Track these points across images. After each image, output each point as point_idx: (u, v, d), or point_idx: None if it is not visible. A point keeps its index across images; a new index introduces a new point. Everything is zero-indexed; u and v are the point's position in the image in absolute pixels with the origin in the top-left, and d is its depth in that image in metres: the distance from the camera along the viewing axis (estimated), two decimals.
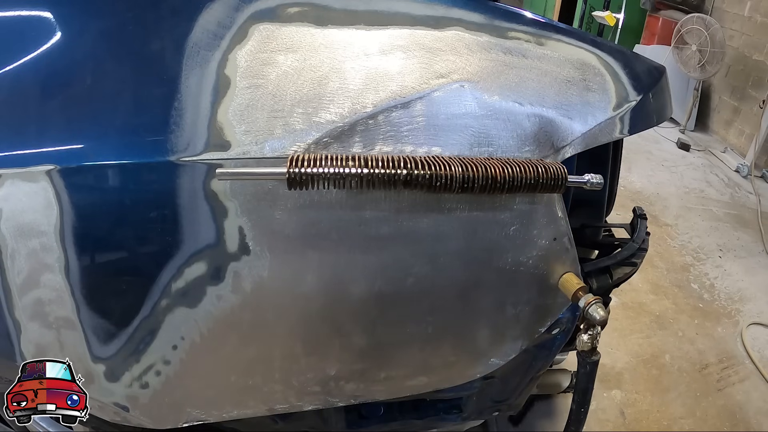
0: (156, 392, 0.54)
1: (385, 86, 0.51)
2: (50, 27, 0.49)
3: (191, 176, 0.47)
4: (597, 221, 0.79)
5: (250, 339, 0.55)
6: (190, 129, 0.47)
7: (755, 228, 2.83)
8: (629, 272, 0.73)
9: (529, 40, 0.58)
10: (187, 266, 0.49)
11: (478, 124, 0.53)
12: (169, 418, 0.57)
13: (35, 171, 0.45)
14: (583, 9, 4.61)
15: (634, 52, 0.71)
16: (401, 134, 0.51)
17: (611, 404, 1.65)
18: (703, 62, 3.62)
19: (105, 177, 0.46)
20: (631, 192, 3.14)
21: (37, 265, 0.48)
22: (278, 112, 0.48)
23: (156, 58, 0.49)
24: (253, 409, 0.59)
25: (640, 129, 0.64)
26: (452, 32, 0.55)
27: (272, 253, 0.51)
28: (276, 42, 0.50)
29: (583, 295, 0.58)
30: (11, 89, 0.47)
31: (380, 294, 0.54)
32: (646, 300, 2.19)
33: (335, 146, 0.49)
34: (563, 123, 0.57)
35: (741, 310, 2.18)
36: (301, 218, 0.50)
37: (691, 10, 3.94)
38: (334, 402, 0.60)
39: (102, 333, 0.51)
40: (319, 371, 0.58)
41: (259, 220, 0.50)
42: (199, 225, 0.49)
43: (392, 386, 0.62)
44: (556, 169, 0.50)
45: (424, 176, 0.46)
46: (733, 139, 3.90)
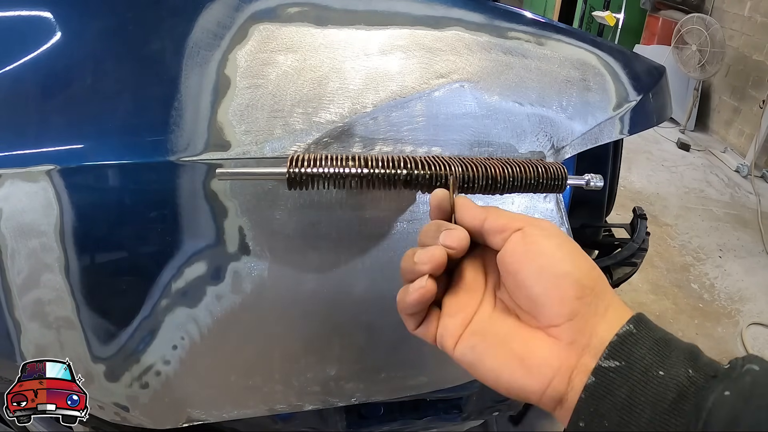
0: (156, 392, 0.54)
1: (385, 86, 0.51)
2: (50, 27, 0.49)
3: (191, 176, 0.47)
4: (597, 221, 0.79)
5: (250, 339, 0.55)
6: (190, 129, 0.47)
7: (755, 228, 2.83)
8: (629, 272, 0.73)
9: (529, 40, 0.58)
10: (187, 266, 0.49)
11: (478, 124, 0.53)
12: (169, 418, 0.57)
13: (35, 171, 0.45)
14: (583, 9, 4.61)
15: (634, 52, 0.72)
16: (401, 134, 0.51)
17: None
18: (703, 62, 3.62)
19: (105, 177, 0.46)
20: (631, 192, 3.15)
21: (37, 265, 0.48)
22: (278, 112, 0.48)
23: (156, 58, 0.49)
24: (253, 409, 0.59)
25: (640, 129, 0.64)
26: (452, 32, 0.55)
27: (272, 253, 0.51)
28: (276, 42, 0.50)
29: None
30: (11, 89, 0.47)
31: (380, 294, 0.54)
32: (646, 300, 2.19)
33: (335, 146, 0.49)
34: (563, 123, 0.57)
35: (741, 310, 2.18)
36: (301, 218, 0.50)
37: (691, 10, 3.95)
38: (334, 402, 0.61)
39: (102, 333, 0.51)
40: (319, 371, 0.58)
41: (259, 220, 0.50)
42: (199, 225, 0.49)
43: (392, 386, 0.62)
44: (556, 169, 0.50)
45: (424, 176, 0.46)
46: (733, 139, 3.91)
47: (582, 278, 0.33)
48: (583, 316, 0.32)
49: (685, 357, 0.30)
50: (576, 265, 0.33)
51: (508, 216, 0.37)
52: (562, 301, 0.32)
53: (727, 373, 0.29)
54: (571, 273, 0.33)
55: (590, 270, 0.34)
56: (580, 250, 0.35)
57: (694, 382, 0.28)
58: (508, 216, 0.37)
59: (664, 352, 0.30)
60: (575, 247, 0.35)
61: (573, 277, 0.33)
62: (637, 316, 0.32)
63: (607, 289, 0.34)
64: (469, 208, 0.38)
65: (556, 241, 0.34)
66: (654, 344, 0.30)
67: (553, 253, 0.34)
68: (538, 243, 0.34)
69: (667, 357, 0.30)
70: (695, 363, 0.29)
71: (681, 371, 0.29)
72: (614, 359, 0.30)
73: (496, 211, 0.37)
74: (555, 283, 0.33)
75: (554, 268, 0.33)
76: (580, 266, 0.33)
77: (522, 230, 0.35)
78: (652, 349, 0.30)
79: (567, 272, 0.33)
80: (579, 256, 0.34)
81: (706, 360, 0.30)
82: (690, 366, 0.29)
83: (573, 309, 0.32)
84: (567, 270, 0.33)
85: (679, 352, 0.30)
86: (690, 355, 0.30)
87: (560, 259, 0.33)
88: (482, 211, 0.37)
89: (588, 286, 0.33)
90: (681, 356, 0.30)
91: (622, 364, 0.30)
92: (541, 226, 0.36)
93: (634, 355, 0.30)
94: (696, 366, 0.29)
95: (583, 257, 0.35)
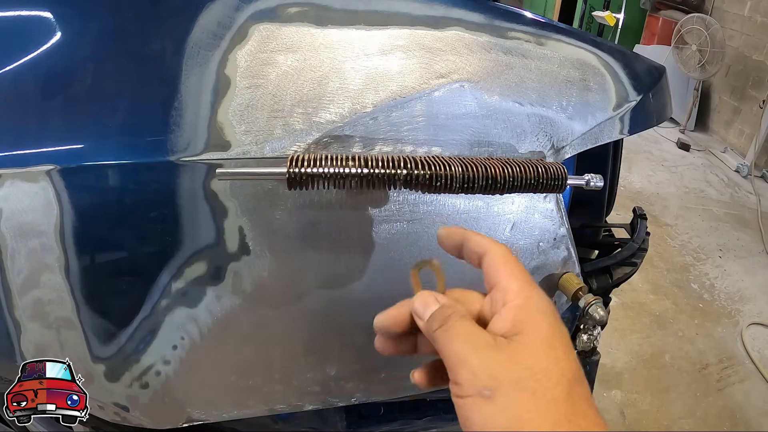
0: (156, 392, 0.54)
1: (385, 86, 0.51)
2: (50, 27, 0.49)
3: (191, 176, 0.47)
4: (597, 221, 0.79)
5: (250, 339, 0.55)
6: (190, 129, 0.47)
7: (755, 228, 2.83)
8: (629, 272, 0.73)
9: (529, 40, 0.58)
10: (187, 266, 0.49)
11: (478, 124, 0.53)
12: (169, 418, 0.57)
13: (35, 171, 0.45)
14: (583, 9, 4.61)
15: (634, 52, 0.71)
16: (401, 134, 0.51)
17: (611, 404, 1.65)
18: (703, 62, 3.62)
19: (105, 177, 0.46)
20: (631, 192, 3.15)
21: (37, 265, 0.48)
22: (278, 112, 0.48)
23: (156, 58, 0.49)
24: (253, 409, 0.59)
25: (640, 129, 0.64)
26: (452, 32, 0.55)
27: (272, 253, 0.51)
28: (276, 42, 0.50)
29: (583, 295, 0.58)
30: (11, 89, 0.47)
31: (380, 294, 0.54)
32: (646, 300, 2.19)
33: (335, 146, 0.49)
34: (563, 123, 0.57)
35: (741, 310, 2.18)
36: (301, 218, 0.50)
37: (691, 10, 3.95)
38: (334, 402, 0.61)
39: (102, 333, 0.51)
40: (319, 371, 0.58)
41: (259, 220, 0.50)
42: (199, 225, 0.49)
43: (392, 386, 0.62)
44: (556, 169, 0.50)
45: (424, 176, 0.46)
46: (733, 139, 3.91)
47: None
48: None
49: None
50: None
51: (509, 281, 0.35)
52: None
53: None
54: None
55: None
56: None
57: None
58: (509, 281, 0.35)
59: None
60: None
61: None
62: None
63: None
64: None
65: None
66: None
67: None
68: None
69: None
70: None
71: None
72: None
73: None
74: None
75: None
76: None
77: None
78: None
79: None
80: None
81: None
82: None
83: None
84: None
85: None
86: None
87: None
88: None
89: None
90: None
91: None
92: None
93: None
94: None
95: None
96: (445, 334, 0.32)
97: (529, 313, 0.33)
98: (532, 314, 0.32)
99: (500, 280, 0.34)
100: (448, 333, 0.32)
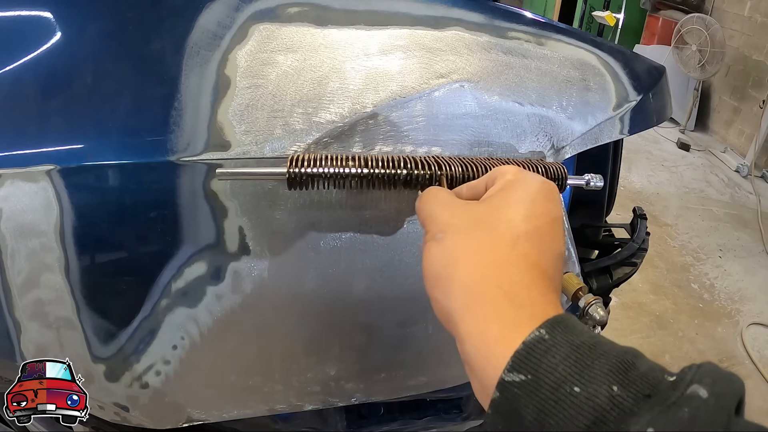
0: (156, 392, 0.54)
1: (385, 86, 0.51)
2: (50, 27, 0.49)
3: (191, 176, 0.47)
4: (597, 221, 0.79)
5: (250, 339, 0.55)
6: (190, 129, 0.47)
7: (755, 228, 2.83)
8: (629, 272, 0.73)
9: (529, 40, 0.58)
10: (187, 266, 0.49)
11: (478, 124, 0.53)
12: (169, 418, 0.57)
13: (35, 171, 0.45)
14: (583, 9, 4.62)
15: (634, 52, 0.71)
16: (401, 134, 0.51)
17: None
18: (703, 62, 3.62)
19: (105, 177, 0.46)
20: (631, 192, 3.15)
21: (37, 265, 0.48)
22: (278, 112, 0.48)
23: (156, 58, 0.49)
24: (254, 409, 0.59)
25: (640, 129, 0.64)
26: (452, 32, 0.55)
27: (272, 253, 0.51)
28: (276, 42, 0.50)
29: (583, 295, 0.58)
30: (11, 89, 0.47)
31: (380, 294, 0.54)
32: (646, 300, 2.20)
33: (335, 146, 0.49)
34: (563, 123, 0.57)
35: (741, 310, 2.18)
36: (301, 218, 0.50)
37: (691, 10, 3.95)
38: (334, 402, 0.61)
39: (102, 333, 0.51)
40: (319, 371, 0.58)
41: (259, 220, 0.50)
42: (199, 225, 0.49)
43: (392, 386, 0.62)
44: (556, 169, 0.50)
45: (424, 176, 0.46)
46: (733, 139, 3.91)
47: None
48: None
49: (612, 368, 0.24)
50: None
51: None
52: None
53: (665, 393, 0.22)
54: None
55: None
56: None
57: (618, 404, 0.22)
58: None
59: (585, 361, 0.24)
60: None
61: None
62: (554, 319, 0.26)
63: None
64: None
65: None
66: (572, 352, 0.24)
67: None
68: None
69: (587, 368, 0.24)
70: (625, 376, 0.23)
71: (602, 388, 0.23)
72: (518, 372, 0.25)
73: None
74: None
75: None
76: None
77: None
78: (567, 358, 0.24)
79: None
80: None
81: (642, 370, 0.24)
82: (616, 381, 0.23)
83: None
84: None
85: (605, 362, 0.24)
86: (620, 365, 0.24)
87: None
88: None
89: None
90: (606, 367, 0.24)
91: (527, 378, 0.24)
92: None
93: (543, 367, 0.24)
94: (625, 380, 0.23)
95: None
96: (421, 200, 0.40)
97: (505, 184, 0.37)
98: (507, 184, 0.36)
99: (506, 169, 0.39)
100: (422, 198, 0.40)
